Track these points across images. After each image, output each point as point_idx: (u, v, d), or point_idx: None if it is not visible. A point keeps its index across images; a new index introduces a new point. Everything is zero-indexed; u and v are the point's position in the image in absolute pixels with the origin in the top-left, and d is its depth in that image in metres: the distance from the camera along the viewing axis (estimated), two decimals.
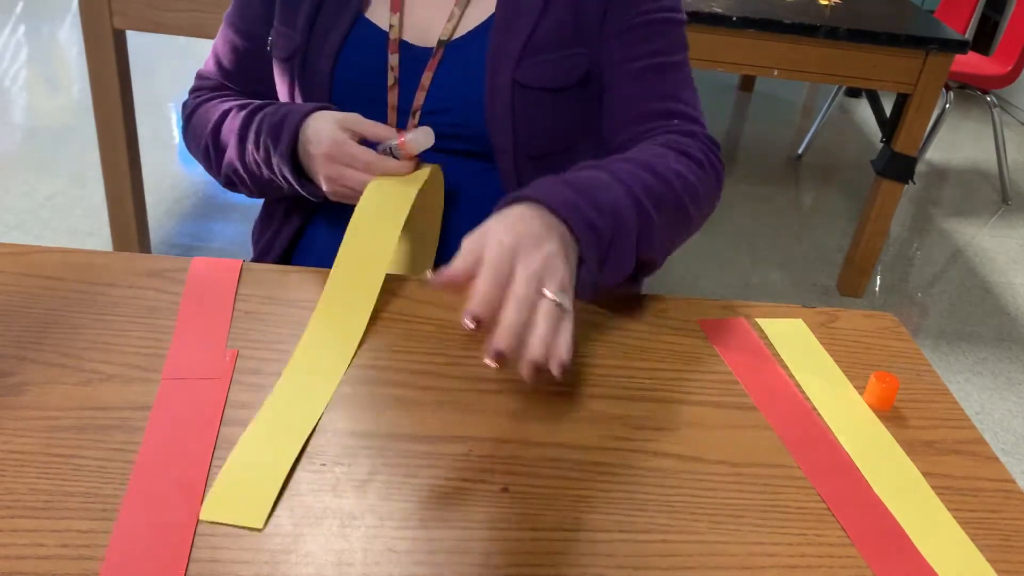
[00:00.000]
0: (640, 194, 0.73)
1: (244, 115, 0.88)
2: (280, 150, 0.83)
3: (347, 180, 0.81)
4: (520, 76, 0.85)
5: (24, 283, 0.72)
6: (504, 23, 0.86)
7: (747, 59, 2.07)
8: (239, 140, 0.88)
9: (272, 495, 0.55)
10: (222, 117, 0.92)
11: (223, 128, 0.91)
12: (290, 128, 0.82)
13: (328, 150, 0.80)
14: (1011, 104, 4.12)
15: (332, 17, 0.88)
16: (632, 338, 0.75)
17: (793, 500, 0.60)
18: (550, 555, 0.53)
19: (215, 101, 0.95)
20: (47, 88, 3.13)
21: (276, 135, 0.83)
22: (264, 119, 0.86)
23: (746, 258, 2.54)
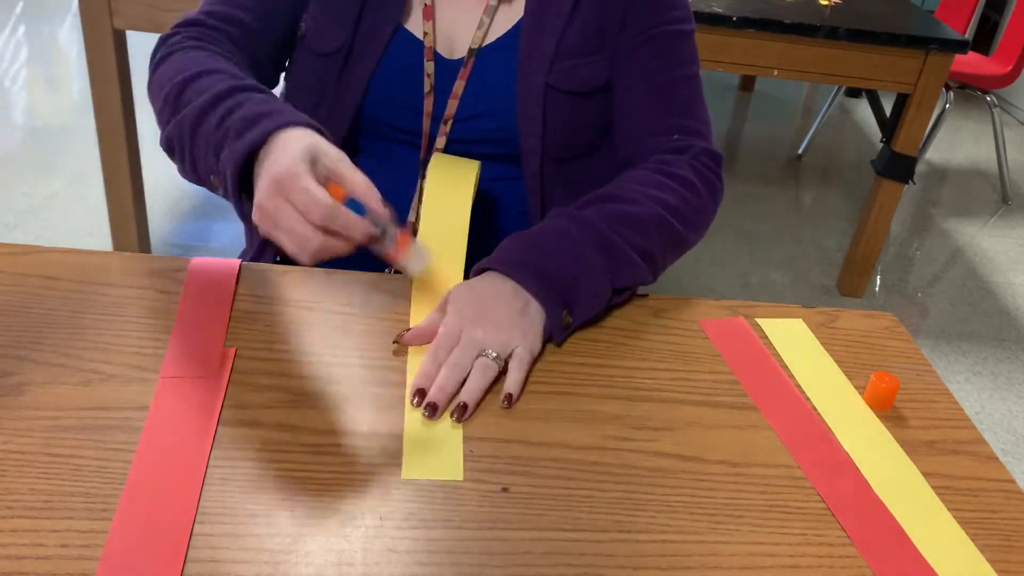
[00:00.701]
0: (606, 230, 0.76)
1: (225, 86, 0.74)
2: (238, 145, 0.68)
3: (282, 217, 0.63)
4: (552, 80, 0.87)
5: (24, 283, 0.72)
6: (534, 27, 0.87)
7: (747, 59, 2.06)
8: (203, 108, 0.74)
9: (459, 447, 0.61)
10: (203, 73, 0.78)
11: (196, 84, 0.77)
12: (264, 128, 0.68)
13: (280, 174, 0.63)
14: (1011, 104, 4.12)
15: (377, 20, 0.87)
16: (632, 338, 0.75)
17: (793, 500, 0.60)
18: (550, 555, 0.53)
19: (203, 53, 0.82)
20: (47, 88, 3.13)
21: (245, 126, 0.70)
22: (243, 103, 0.72)
23: (746, 258, 2.54)
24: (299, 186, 0.62)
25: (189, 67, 0.78)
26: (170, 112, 0.77)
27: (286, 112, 0.70)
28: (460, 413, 0.64)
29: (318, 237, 0.63)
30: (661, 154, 0.87)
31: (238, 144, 0.68)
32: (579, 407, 0.66)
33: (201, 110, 0.73)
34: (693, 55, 0.91)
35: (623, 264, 0.76)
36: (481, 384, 0.66)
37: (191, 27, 0.87)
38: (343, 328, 0.71)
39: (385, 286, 0.77)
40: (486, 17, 0.88)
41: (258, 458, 0.58)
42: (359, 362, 0.68)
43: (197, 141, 0.73)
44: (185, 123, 0.74)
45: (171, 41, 0.85)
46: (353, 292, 0.76)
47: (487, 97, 0.88)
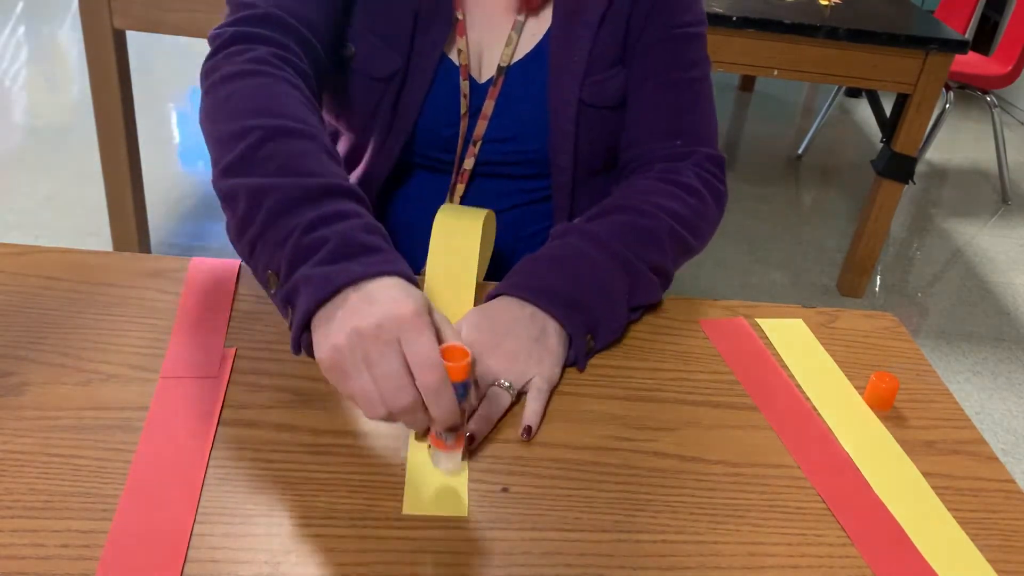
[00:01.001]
0: (624, 251, 0.74)
1: (323, 183, 0.63)
2: (332, 272, 0.57)
3: (382, 362, 0.53)
4: (585, 95, 0.85)
5: (24, 283, 0.72)
6: (563, 41, 0.85)
7: (747, 59, 2.06)
8: (290, 196, 0.61)
9: (464, 482, 0.58)
10: (292, 132, 0.66)
11: (284, 145, 0.65)
12: (368, 268, 0.57)
13: (403, 316, 0.54)
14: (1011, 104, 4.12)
15: (425, 44, 0.84)
16: (632, 338, 0.75)
17: (793, 500, 0.60)
18: (550, 555, 0.53)
19: (286, 87, 0.71)
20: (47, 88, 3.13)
21: (343, 251, 0.58)
22: (342, 216, 0.61)
23: (746, 258, 2.54)
24: (422, 337, 0.54)
25: (272, 109, 0.68)
26: (241, 160, 0.65)
27: (389, 254, 0.60)
28: (466, 445, 0.60)
29: (412, 395, 0.54)
30: (664, 161, 0.86)
31: (332, 271, 0.57)
32: (579, 407, 0.66)
33: (288, 198, 0.61)
34: (703, 57, 0.89)
35: (642, 285, 0.75)
36: (491, 414, 0.63)
37: (264, 25, 0.76)
38: None
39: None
40: (514, 33, 0.86)
41: (258, 458, 0.58)
42: None
43: (275, 227, 0.61)
44: (264, 197, 0.62)
45: (247, 51, 0.73)
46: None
47: (517, 117, 0.87)
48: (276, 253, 0.61)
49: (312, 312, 0.57)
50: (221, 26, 0.76)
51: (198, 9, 1.79)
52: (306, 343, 0.59)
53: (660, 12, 0.86)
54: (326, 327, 0.56)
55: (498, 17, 0.86)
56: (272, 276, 0.62)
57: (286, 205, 0.61)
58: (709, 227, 0.85)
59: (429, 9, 0.83)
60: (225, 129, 0.67)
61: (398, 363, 0.53)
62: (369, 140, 0.88)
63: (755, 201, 2.91)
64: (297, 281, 0.58)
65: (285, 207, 0.61)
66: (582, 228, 0.76)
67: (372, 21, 0.84)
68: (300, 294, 0.58)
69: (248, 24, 0.75)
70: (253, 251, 0.63)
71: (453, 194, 0.90)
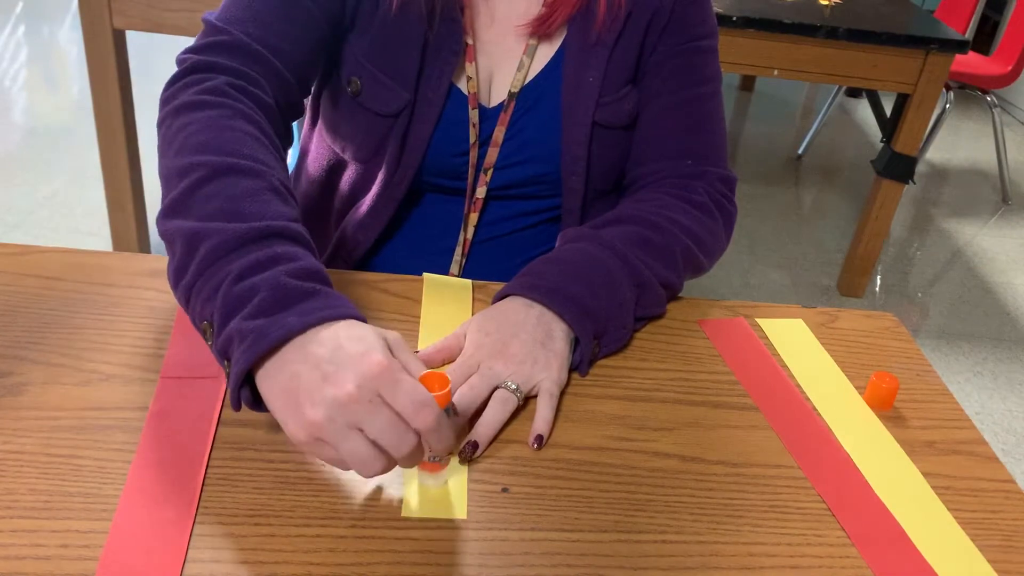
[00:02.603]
0: (638, 263, 0.74)
1: (258, 226, 0.59)
2: (266, 326, 0.54)
3: (374, 423, 0.51)
4: (599, 117, 0.84)
5: (24, 283, 0.72)
6: (577, 63, 0.83)
7: (747, 59, 2.07)
8: (225, 242, 0.58)
9: (463, 484, 0.58)
10: (234, 170, 0.63)
11: (224, 183, 0.62)
12: (308, 318, 0.54)
13: (373, 371, 0.51)
14: (1011, 104, 4.12)
15: (432, 76, 0.82)
16: (632, 338, 0.75)
17: (793, 500, 0.60)
18: (550, 555, 0.53)
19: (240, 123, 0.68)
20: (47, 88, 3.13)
21: (277, 302, 0.55)
22: (277, 259, 0.58)
23: (746, 258, 2.54)
24: (404, 386, 0.51)
25: (219, 145, 0.65)
26: (181, 200, 0.62)
27: (325, 297, 0.57)
28: (470, 452, 0.59)
29: (413, 438, 0.52)
30: (676, 178, 0.85)
31: (267, 324, 0.54)
32: (579, 407, 0.66)
33: (222, 243, 0.58)
34: (715, 71, 0.87)
35: (650, 297, 0.75)
36: (497, 419, 0.62)
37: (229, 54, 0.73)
38: None
39: (386, 286, 0.77)
40: (526, 58, 0.84)
41: (258, 458, 0.58)
42: None
43: (207, 276, 0.58)
44: (199, 243, 0.59)
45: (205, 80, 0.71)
46: (353, 292, 0.76)
47: (529, 142, 0.85)
48: (208, 304, 0.57)
49: (248, 369, 0.54)
50: (187, 50, 0.74)
51: (198, 9, 1.79)
52: (246, 398, 0.55)
53: (675, 28, 0.84)
54: (287, 400, 0.52)
55: (510, 41, 0.84)
56: (207, 327, 0.58)
57: (219, 252, 0.58)
58: (719, 247, 0.85)
59: (438, 39, 0.81)
60: (171, 165, 0.65)
61: (389, 415, 0.51)
62: (377, 172, 0.86)
63: (755, 201, 2.91)
64: (230, 335, 0.55)
65: (217, 254, 0.58)
66: (597, 235, 0.75)
67: (377, 54, 0.81)
68: (234, 350, 0.54)
69: (212, 52, 0.73)
70: (188, 300, 0.59)
71: (467, 223, 0.88)
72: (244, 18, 0.75)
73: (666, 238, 0.77)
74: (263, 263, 0.57)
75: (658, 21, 0.83)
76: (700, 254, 0.80)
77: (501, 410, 0.63)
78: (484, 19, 0.84)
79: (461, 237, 0.89)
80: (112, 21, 1.79)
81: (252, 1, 0.75)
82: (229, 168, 0.63)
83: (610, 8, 0.82)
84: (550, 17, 0.82)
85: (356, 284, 0.77)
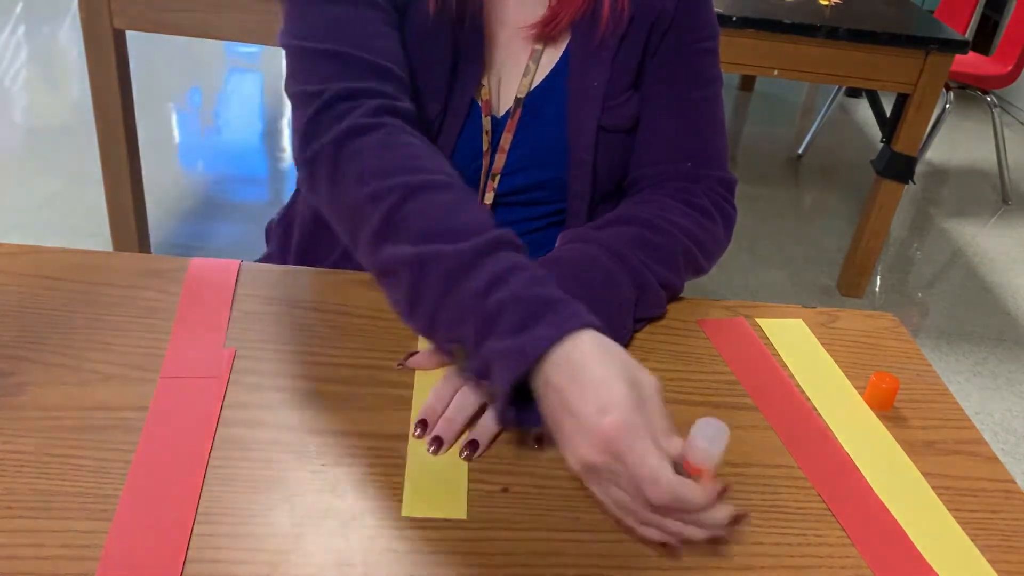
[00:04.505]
0: (640, 267, 0.74)
1: (484, 240, 0.61)
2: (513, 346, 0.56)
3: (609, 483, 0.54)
4: (605, 120, 0.84)
5: (24, 283, 0.72)
6: (582, 67, 0.83)
7: (747, 59, 2.06)
8: (459, 262, 0.60)
9: (463, 484, 0.58)
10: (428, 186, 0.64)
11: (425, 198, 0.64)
12: (550, 332, 0.56)
13: (609, 431, 0.52)
14: (1011, 104, 4.12)
15: (458, 88, 0.82)
16: (632, 338, 0.75)
17: (793, 500, 0.60)
18: (550, 555, 0.53)
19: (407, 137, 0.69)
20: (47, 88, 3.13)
21: (524, 317, 0.57)
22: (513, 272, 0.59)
23: (746, 258, 2.54)
24: (634, 454, 0.51)
25: (402, 165, 0.65)
26: (384, 227, 0.63)
27: (570, 305, 0.58)
28: (470, 452, 0.60)
29: (649, 518, 0.53)
30: (676, 181, 0.84)
31: (524, 342, 0.55)
32: None
33: (452, 265, 0.59)
34: (716, 73, 0.87)
35: (649, 299, 0.75)
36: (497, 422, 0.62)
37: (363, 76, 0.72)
38: (343, 328, 0.71)
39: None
40: (532, 63, 0.84)
41: (258, 458, 0.58)
42: (359, 362, 0.68)
43: (448, 299, 0.59)
44: (425, 269, 0.60)
45: (354, 108, 0.69)
46: (353, 292, 0.76)
47: (535, 147, 0.85)
48: (457, 326, 0.59)
49: (511, 389, 0.56)
50: (311, 81, 0.71)
51: (198, 9, 1.79)
52: (512, 417, 0.58)
53: (678, 30, 0.84)
54: (558, 428, 0.56)
55: (515, 48, 0.84)
56: (458, 349, 0.60)
57: (454, 273, 0.59)
58: (718, 249, 0.84)
59: (465, 52, 0.81)
60: (356, 195, 0.65)
61: (621, 485, 0.53)
62: None
63: (755, 201, 2.91)
64: (488, 356, 0.57)
65: (454, 276, 0.59)
66: (597, 237, 0.75)
67: (412, 66, 0.81)
68: (495, 370, 0.57)
69: (344, 78, 0.71)
70: (431, 325, 0.61)
71: None
72: (341, 31, 0.73)
73: (666, 239, 0.77)
74: (501, 276, 0.59)
75: (661, 23, 0.83)
76: (700, 256, 0.80)
77: None
78: (495, 24, 0.84)
79: None
80: (112, 21, 1.79)
81: (337, 13, 0.73)
82: (421, 185, 0.64)
83: (613, 12, 0.82)
84: (555, 19, 0.82)
85: (356, 284, 0.77)
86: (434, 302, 0.60)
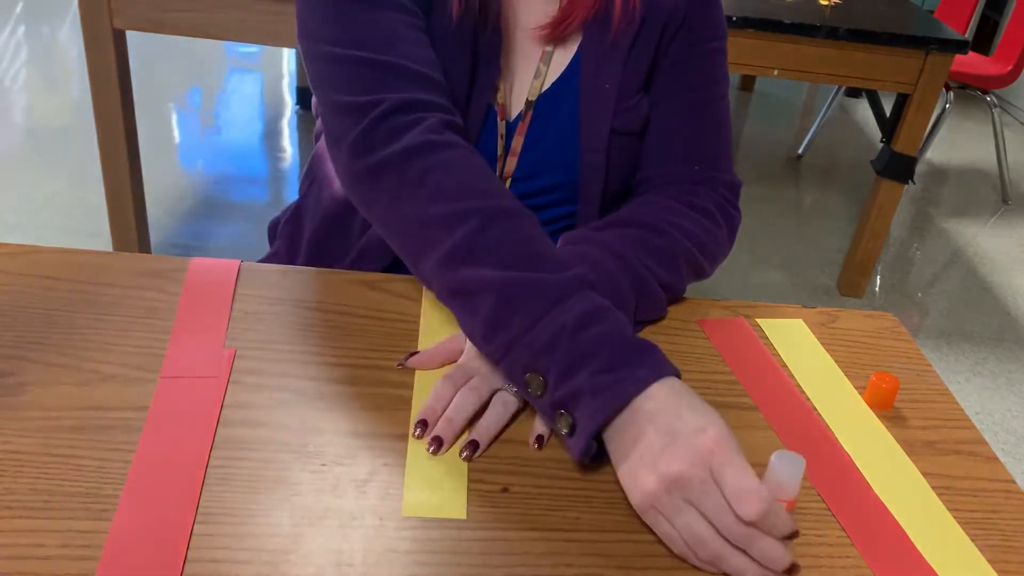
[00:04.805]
0: (642, 269, 0.74)
1: (573, 276, 0.62)
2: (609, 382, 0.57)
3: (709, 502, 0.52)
4: (617, 124, 0.83)
5: (24, 283, 0.72)
6: (594, 70, 0.82)
7: (747, 59, 2.06)
8: (549, 293, 0.61)
9: (463, 484, 0.58)
10: (505, 213, 0.65)
11: (503, 226, 0.64)
12: (646, 375, 0.57)
13: (709, 445, 0.53)
14: (1011, 104, 4.12)
15: (475, 95, 0.81)
16: None
17: None
18: (550, 555, 0.53)
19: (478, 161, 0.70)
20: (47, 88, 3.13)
21: (616, 359, 0.58)
22: (602, 314, 0.60)
23: (746, 258, 2.54)
24: (735, 466, 0.52)
25: (478, 187, 0.66)
26: (467, 249, 0.63)
27: (659, 352, 0.60)
28: (470, 452, 0.60)
29: (718, 545, 0.52)
30: (682, 183, 0.84)
31: (618, 379, 0.57)
32: None
33: (543, 296, 0.60)
34: (723, 73, 0.87)
35: (650, 302, 0.75)
36: (498, 421, 0.62)
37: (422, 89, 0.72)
38: (343, 328, 0.71)
39: (386, 286, 0.77)
40: (543, 65, 0.83)
41: (258, 458, 0.58)
42: (359, 362, 0.68)
43: (536, 328, 0.60)
44: (513, 295, 0.61)
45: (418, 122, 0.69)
46: (353, 292, 0.76)
47: (547, 150, 0.84)
48: (542, 356, 0.59)
49: (602, 426, 0.57)
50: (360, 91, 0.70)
51: (198, 9, 1.79)
52: (593, 451, 0.58)
53: (689, 29, 0.83)
54: (629, 464, 0.56)
55: (526, 51, 0.84)
56: (534, 378, 0.60)
57: (545, 304, 0.60)
58: (721, 253, 0.84)
59: (484, 57, 0.80)
60: (431, 212, 0.65)
61: (719, 497, 0.52)
62: None
63: (755, 201, 2.91)
64: (578, 388, 0.57)
65: (545, 306, 0.60)
66: (599, 238, 0.75)
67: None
68: (584, 403, 0.57)
69: (402, 90, 0.70)
70: (509, 351, 0.61)
71: None
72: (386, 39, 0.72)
73: (667, 241, 0.77)
74: (595, 314, 0.60)
75: (672, 24, 0.83)
76: (702, 259, 0.80)
77: (502, 412, 0.63)
78: (508, 27, 0.84)
79: None
80: (112, 21, 1.79)
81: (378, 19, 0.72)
82: (500, 211, 0.65)
83: (625, 13, 0.81)
84: (566, 20, 0.81)
85: (357, 284, 0.77)
86: (520, 328, 0.60)
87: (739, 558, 0.52)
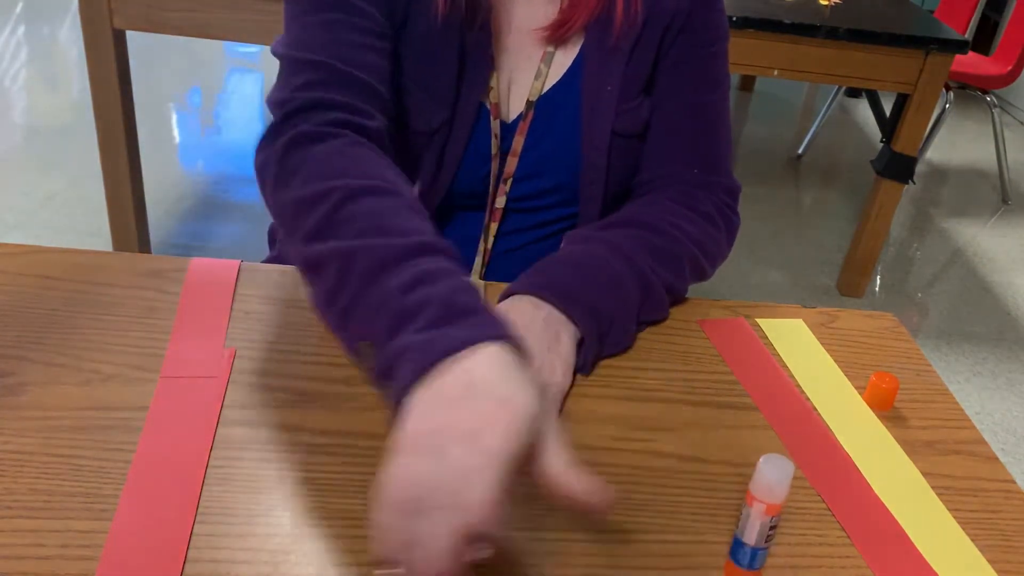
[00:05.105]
0: (646, 269, 0.74)
1: (414, 241, 0.58)
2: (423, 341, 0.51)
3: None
4: (618, 126, 0.83)
5: (24, 283, 0.72)
6: (595, 71, 0.82)
7: (747, 59, 2.07)
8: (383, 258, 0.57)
9: None
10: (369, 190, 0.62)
11: (363, 203, 0.61)
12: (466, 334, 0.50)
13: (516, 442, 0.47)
14: (1011, 104, 4.12)
15: (466, 94, 0.81)
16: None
17: (793, 500, 0.60)
18: (550, 555, 0.53)
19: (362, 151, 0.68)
20: (47, 88, 3.13)
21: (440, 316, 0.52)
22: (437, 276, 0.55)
23: (746, 258, 2.54)
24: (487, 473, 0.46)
25: (349, 170, 0.64)
26: (324, 224, 0.61)
27: (481, 315, 0.53)
28: None
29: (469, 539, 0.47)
30: (683, 186, 0.84)
31: (424, 340, 0.51)
32: (579, 407, 0.66)
33: (380, 259, 0.57)
34: (724, 74, 0.87)
35: (653, 302, 0.75)
36: None
37: (334, 88, 0.71)
38: None
39: None
40: (544, 66, 0.83)
41: (258, 458, 0.58)
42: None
43: (368, 292, 0.56)
44: (353, 262, 0.57)
45: (319, 116, 0.69)
46: None
47: (548, 151, 0.84)
48: (370, 321, 0.55)
49: (413, 384, 0.49)
50: (284, 90, 0.72)
51: (198, 9, 1.79)
52: None
53: (691, 31, 0.83)
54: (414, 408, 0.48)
55: (527, 51, 0.84)
56: (366, 346, 0.55)
57: (377, 267, 0.56)
58: (721, 256, 0.85)
59: (472, 55, 0.80)
60: (301, 194, 0.63)
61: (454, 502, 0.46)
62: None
63: (755, 201, 2.91)
64: (400, 347, 0.51)
65: (377, 270, 0.56)
66: (604, 237, 0.75)
67: (417, 72, 0.81)
68: (403, 362, 0.51)
69: (316, 89, 0.71)
70: (344, 320, 0.57)
71: (488, 233, 0.88)
72: (325, 42, 0.72)
73: (671, 243, 0.77)
74: (428, 277, 0.55)
75: (674, 26, 0.83)
76: (704, 261, 0.81)
77: None
78: (504, 27, 0.83)
79: (481, 247, 0.88)
80: (112, 21, 1.79)
81: (326, 22, 0.73)
82: (365, 189, 0.62)
83: (627, 14, 0.81)
84: (567, 22, 0.81)
85: None
86: (353, 295, 0.56)
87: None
